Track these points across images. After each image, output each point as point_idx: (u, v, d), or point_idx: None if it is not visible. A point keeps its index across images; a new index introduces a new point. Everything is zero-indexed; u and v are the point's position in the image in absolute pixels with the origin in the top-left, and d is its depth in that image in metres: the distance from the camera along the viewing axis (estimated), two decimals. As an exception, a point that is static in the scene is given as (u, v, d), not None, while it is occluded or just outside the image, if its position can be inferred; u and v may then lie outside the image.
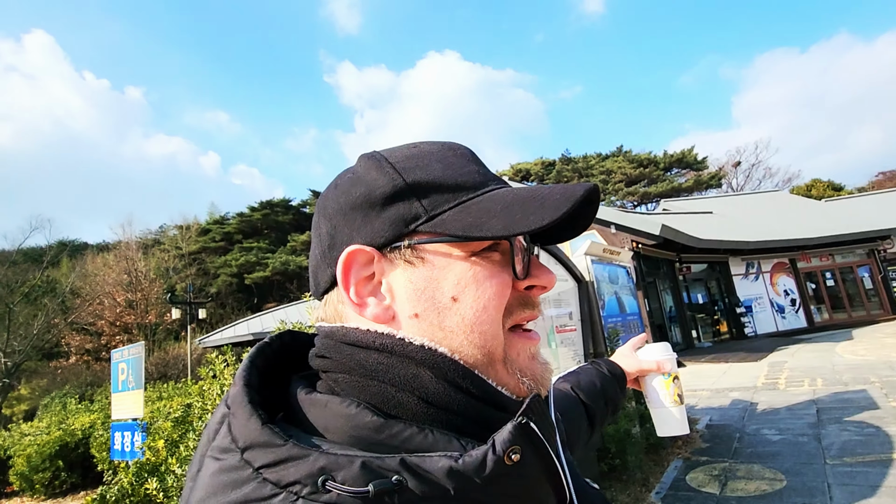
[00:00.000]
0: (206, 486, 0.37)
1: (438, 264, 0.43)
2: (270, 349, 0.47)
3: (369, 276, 0.44)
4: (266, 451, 0.35)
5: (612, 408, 0.90)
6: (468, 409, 0.41)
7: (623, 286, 4.83)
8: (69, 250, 33.79)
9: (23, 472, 7.06)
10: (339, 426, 0.38)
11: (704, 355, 11.93)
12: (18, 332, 14.81)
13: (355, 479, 0.33)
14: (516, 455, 0.36)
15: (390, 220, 0.43)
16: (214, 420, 0.41)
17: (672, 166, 39.26)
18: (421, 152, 0.47)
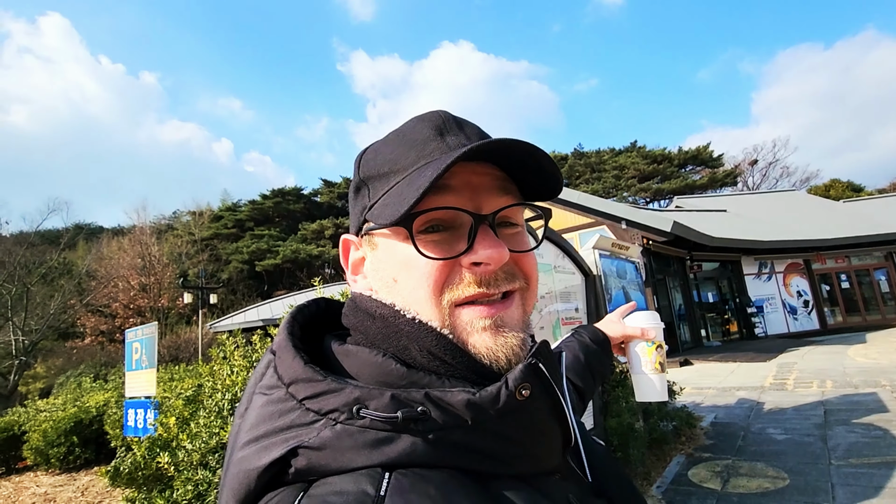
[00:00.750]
0: (256, 416, 0.41)
1: (383, 247, 0.48)
2: (308, 310, 0.53)
3: (361, 257, 0.51)
4: (308, 385, 0.40)
5: (599, 378, 0.91)
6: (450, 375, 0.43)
7: (631, 281, 4.81)
8: (85, 233, 34.39)
9: (38, 447, 7.27)
10: (369, 372, 0.42)
11: (713, 354, 11.85)
12: (35, 311, 15.15)
13: (386, 407, 0.38)
14: (526, 391, 0.40)
15: (356, 211, 0.50)
16: (261, 365, 0.46)
17: (686, 163, 38.70)
18: (390, 137, 0.51)
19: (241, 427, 0.43)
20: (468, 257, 0.44)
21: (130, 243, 27.16)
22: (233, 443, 0.43)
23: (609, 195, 37.03)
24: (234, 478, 0.40)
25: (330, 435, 0.37)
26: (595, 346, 0.91)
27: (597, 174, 39.24)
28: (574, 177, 39.86)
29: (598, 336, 0.93)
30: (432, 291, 0.44)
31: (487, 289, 0.45)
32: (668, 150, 39.13)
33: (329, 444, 0.37)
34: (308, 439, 0.37)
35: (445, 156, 0.43)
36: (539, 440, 0.43)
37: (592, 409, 3.53)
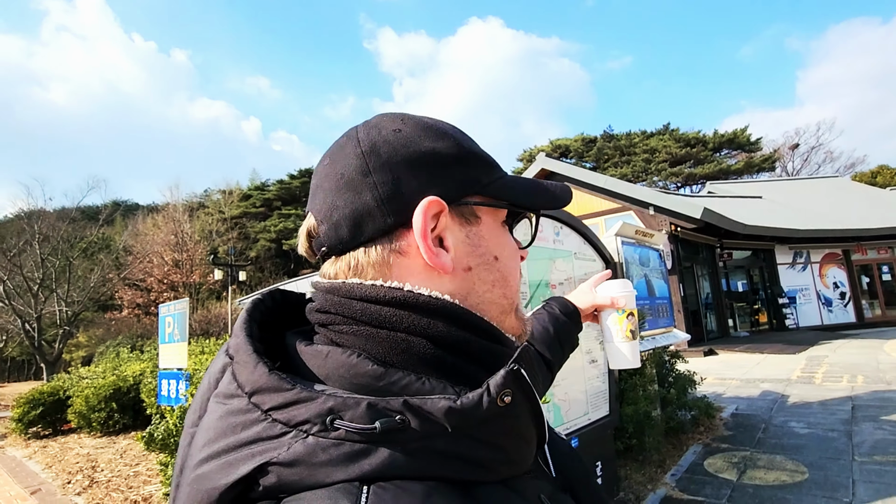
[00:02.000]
0: (213, 429, 0.38)
1: (488, 226, 0.49)
2: (264, 304, 0.49)
3: (432, 228, 0.45)
4: (274, 394, 0.37)
5: (568, 348, 0.93)
6: (474, 346, 0.44)
7: (654, 269, 4.73)
8: (122, 210, 35.72)
9: (81, 411, 7.75)
10: (340, 374, 0.40)
11: (739, 344, 11.59)
12: (77, 284, 15.94)
13: (362, 417, 0.35)
14: (508, 397, 0.39)
15: (457, 180, 0.47)
16: (215, 369, 0.43)
17: (722, 147, 37.23)
18: (454, 127, 0.53)
19: (196, 439, 0.39)
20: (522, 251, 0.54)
21: (164, 220, 28.12)
22: (184, 456, 0.40)
23: (638, 179, 36.09)
24: (191, 498, 0.37)
25: (302, 449, 0.35)
26: (564, 317, 0.93)
27: (626, 157, 38.20)
28: (602, 160, 38.93)
29: (567, 308, 0.95)
30: (518, 272, 0.52)
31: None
32: (703, 133, 37.69)
33: (301, 458, 0.34)
34: (278, 455, 0.35)
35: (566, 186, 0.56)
36: (520, 444, 0.43)
37: (608, 396, 3.54)
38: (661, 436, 4.17)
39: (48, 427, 8.50)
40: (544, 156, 14.48)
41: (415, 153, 0.46)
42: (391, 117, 0.50)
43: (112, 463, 5.96)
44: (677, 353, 5.14)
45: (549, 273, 3.13)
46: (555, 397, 2.98)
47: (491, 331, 0.47)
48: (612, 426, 3.52)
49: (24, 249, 14.77)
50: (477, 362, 0.44)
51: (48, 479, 5.61)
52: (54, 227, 15.78)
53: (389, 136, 0.47)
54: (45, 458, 6.73)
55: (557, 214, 3.35)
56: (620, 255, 4.07)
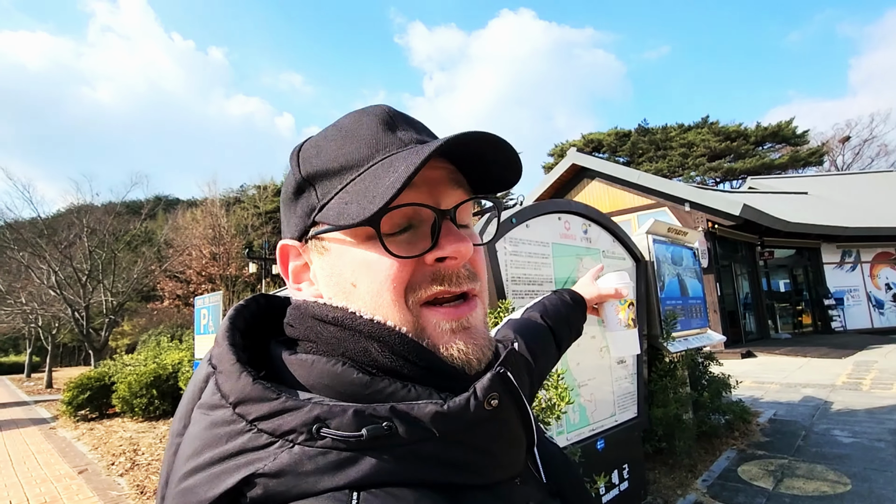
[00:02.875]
0: (197, 440, 0.38)
1: (336, 252, 0.44)
2: (248, 311, 0.48)
3: (304, 264, 0.48)
4: (260, 404, 0.36)
5: (574, 332, 0.97)
6: (417, 377, 0.41)
7: (687, 268, 4.57)
8: (164, 204, 37.22)
9: (124, 397, 8.16)
10: (326, 383, 0.39)
11: (780, 347, 11.11)
12: (122, 275, 16.73)
13: (349, 425, 0.35)
14: (495, 401, 0.39)
15: (299, 214, 0.46)
16: (198, 378, 0.42)
17: (765, 140, 35.61)
18: (330, 132, 0.47)
19: (182, 451, 0.38)
20: (433, 253, 0.43)
21: (202, 214, 29.14)
22: (169, 467, 0.39)
23: (674, 174, 35.00)
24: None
25: (288, 459, 0.34)
26: (573, 303, 0.97)
27: (662, 152, 37.08)
28: (636, 155, 37.93)
29: (576, 297, 0.99)
30: (399, 293, 0.42)
31: (450, 286, 0.44)
32: (745, 126, 36.14)
33: (288, 469, 0.34)
34: (264, 466, 0.34)
35: (416, 149, 0.41)
36: (507, 448, 0.42)
37: (637, 397, 3.46)
38: (693, 440, 4.04)
39: (95, 410, 8.99)
40: (575, 150, 14.22)
41: (282, 197, 0.50)
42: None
43: (152, 447, 6.25)
44: (711, 355, 4.96)
45: (575, 271, 3.07)
46: (581, 397, 2.93)
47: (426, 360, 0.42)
48: (640, 428, 3.44)
49: (73, 242, 15.62)
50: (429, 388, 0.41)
51: (94, 459, 5.94)
52: (101, 221, 16.59)
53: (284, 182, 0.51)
54: (92, 439, 7.12)
55: (586, 212, 3.28)
56: (651, 253, 3.95)
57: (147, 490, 4.53)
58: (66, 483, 5.00)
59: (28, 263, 15.43)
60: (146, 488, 4.58)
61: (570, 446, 2.65)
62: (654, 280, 3.92)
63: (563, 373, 2.19)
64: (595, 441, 2.93)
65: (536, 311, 0.92)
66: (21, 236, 15.46)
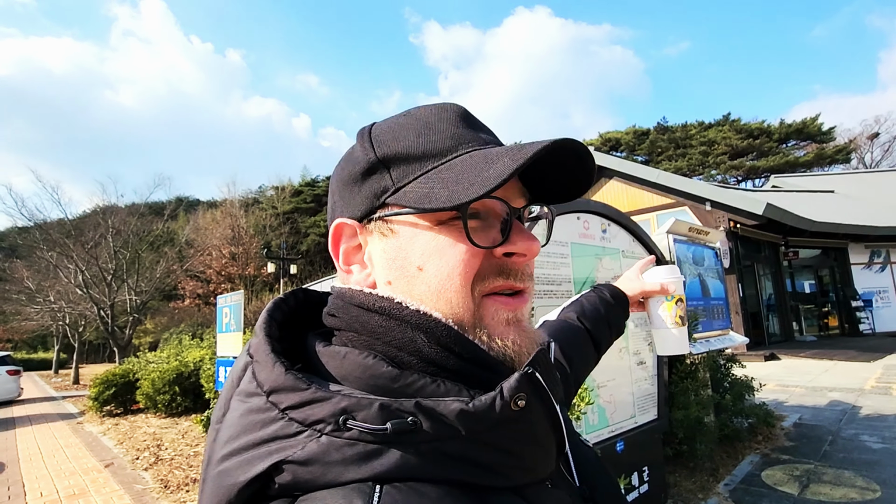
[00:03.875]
0: (234, 426, 0.39)
1: (405, 235, 0.45)
2: (286, 305, 0.49)
3: (357, 246, 0.48)
4: (291, 394, 0.37)
5: (615, 331, 0.93)
6: (460, 369, 0.42)
7: (709, 268, 4.48)
8: (185, 205, 38.01)
9: (148, 393, 8.35)
10: (357, 375, 0.40)
11: (805, 350, 10.83)
12: (145, 275, 17.13)
13: (374, 418, 0.36)
14: (522, 401, 0.39)
15: (366, 194, 0.46)
16: (238, 367, 0.44)
17: (789, 137, 34.76)
18: (405, 121, 0.47)
19: (220, 436, 0.40)
20: (505, 247, 0.44)
21: (222, 215, 29.70)
22: (210, 452, 0.41)
23: (694, 173, 34.39)
24: (214, 493, 0.38)
25: (316, 448, 0.35)
26: (613, 301, 0.93)
27: (681, 150, 36.47)
28: (655, 153, 37.38)
29: (616, 293, 0.95)
30: (467, 280, 0.43)
31: (514, 281, 0.45)
32: (768, 124, 35.34)
33: (315, 457, 0.35)
34: (293, 453, 0.35)
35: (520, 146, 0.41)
36: (534, 450, 0.42)
37: (657, 399, 3.41)
38: (714, 443, 3.96)
39: (120, 406, 9.22)
40: (593, 150, 14.08)
41: (343, 173, 0.48)
42: (359, 132, 0.50)
43: (175, 442, 6.38)
44: (734, 358, 4.86)
45: (595, 271, 3.04)
46: (600, 398, 2.90)
47: (472, 353, 0.43)
48: (660, 431, 3.39)
49: (99, 242, 16.05)
50: (463, 381, 0.41)
51: (119, 454, 6.09)
52: (125, 222, 17.01)
53: (343, 158, 0.50)
54: (117, 434, 7.31)
55: (605, 211, 3.25)
56: (672, 253, 3.89)
57: (170, 484, 4.62)
58: (94, 476, 5.14)
59: (56, 263, 15.93)
60: (170, 483, 4.68)
61: (589, 448, 2.63)
62: (675, 280, 3.86)
63: (582, 373, 2.18)
64: (614, 443, 2.90)
65: (573, 312, 0.90)
66: (50, 236, 15.96)
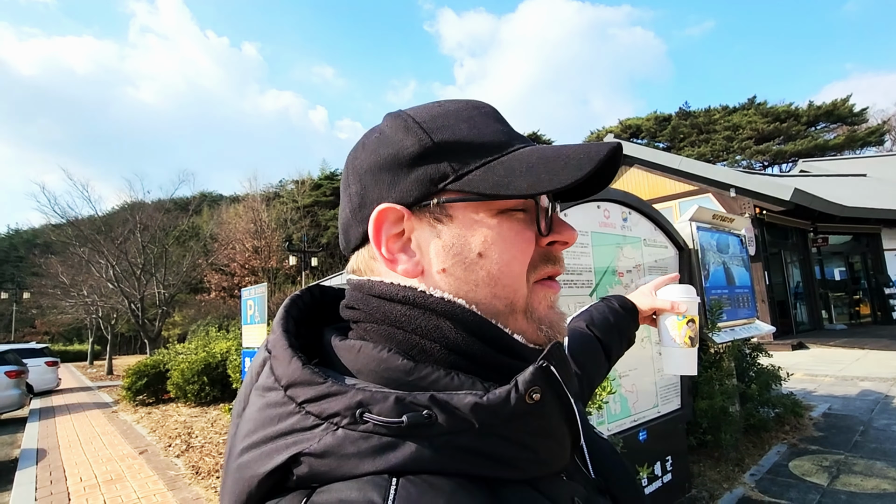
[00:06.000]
0: (253, 420, 0.40)
1: (465, 222, 0.45)
2: (302, 301, 0.50)
3: (399, 233, 0.46)
4: (308, 388, 0.38)
5: (625, 341, 0.94)
6: (485, 356, 0.43)
7: (734, 256, 4.39)
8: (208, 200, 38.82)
9: (178, 383, 8.63)
10: (371, 369, 0.41)
11: (834, 339, 10.55)
12: (172, 269, 17.61)
13: (389, 411, 0.36)
14: (537, 395, 0.39)
15: (419, 180, 0.45)
16: (256, 363, 0.45)
17: (818, 120, 33.51)
18: (446, 111, 0.48)
19: (239, 430, 0.41)
20: (552, 237, 0.48)
21: (245, 209, 30.19)
22: (231, 445, 0.42)
23: (718, 159, 33.52)
24: (235, 484, 0.39)
25: (332, 441, 0.36)
26: (624, 311, 0.93)
27: (704, 136, 35.56)
28: (677, 139, 36.52)
29: (627, 304, 0.95)
30: (524, 266, 0.46)
31: (559, 267, 0.49)
32: (795, 106, 34.14)
33: (332, 450, 0.36)
34: (310, 446, 0.36)
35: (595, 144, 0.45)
36: (549, 443, 0.42)
37: (681, 389, 3.38)
38: (740, 433, 3.91)
39: (152, 396, 9.56)
40: (613, 137, 13.83)
41: (379, 158, 0.46)
42: (391, 118, 0.49)
43: (205, 430, 6.60)
44: (760, 347, 4.77)
45: (616, 260, 3.01)
46: (622, 388, 2.89)
47: (499, 339, 0.44)
48: (683, 420, 3.36)
49: (128, 238, 16.54)
50: (489, 370, 0.43)
51: (152, 441, 6.33)
52: (152, 218, 17.48)
53: (368, 142, 0.48)
54: (150, 423, 7.59)
55: (625, 199, 3.21)
56: (695, 241, 3.82)
57: (201, 471, 4.79)
58: (129, 462, 5.36)
59: (88, 258, 16.48)
60: (200, 469, 4.85)
61: (611, 437, 2.63)
62: (699, 269, 3.80)
63: (604, 362, 2.17)
64: (637, 432, 2.89)
65: (582, 321, 0.91)
66: (81, 233, 16.51)
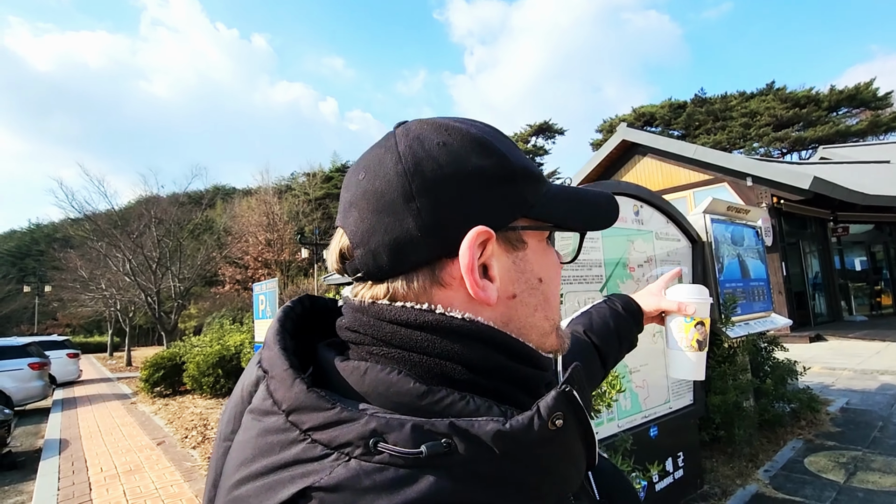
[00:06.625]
0: (250, 447, 0.37)
1: (533, 248, 0.46)
2: (294, 313, 0.47)
3: (477, 257, 0.41)
4: (314, 413, 0.35)
5: (626, 346, 0.90)
6: (510, 371, 0.42)
7: (749, 248, 4.29)
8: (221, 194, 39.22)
9: (193, 375, 8.80)
10: (380, 392, 0.38)
11: (854, 330, 10.33)
12: (187, 262, 17.87)
13: (406, 441, 0.33)
14: (560, 420, 0.37)
15: (505, 204, 0.43)
16: (248, 382, 0.42)
17: (839, 105, 32.55)
18: (496, 133, 0.47)
19: (232, 456, 0.38)
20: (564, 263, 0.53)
21: (257, 203, 30.47)
22: (218, 469, 0.39)
23: (734, 147, 32.84)
24: None
25: (345, 473, 0.33)
26: (626, 314, 0.90)
27: (721, 123, 34.82)
28: (692, 127, 35.84)
29: (630, 306, 0.91)
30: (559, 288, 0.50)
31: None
32: (816, 91, 33.18)
33: (346, 484, 0.33)
34: (320, 479, 0.33)
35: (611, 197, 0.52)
36: (568, 468, 0.41)
37: (693, 384, 3.33)
38: (754, 428, 3.85)
39: (169, 387, 9.75)
40: (625, 126, 13.59)
41: (461, 173, 0.42)
42: (434, 127, 0.45)
43: (219, 422, 6.72)
44: (775, 340, 4.68)
45: (627, 253, 2.97)
46: (632, 384, 2.86)
47: (528, 355, 0.44)
48: (696, 416, 3.32)
49: (143, 232, 16.80)
50: (514, 385, 0.42)
51: (170, 433, 6.46)
52: (166, 212, 17.72)
53: (434, 152, 0.42)
54: (167, 414, 7.75)
55: (636, 192, 3.15)
56: (709, 234, 3.75)
57: (216, 462, 4.89)
58: (147, 453, 5.48)
59: (105, 252, 16.79)
60: (216, 460, 4.95)
61: (621, 433, 2.60)
62: (713, 262, 3.72)
63: (613, 360, 2.14)
64: (648, 428, 2.86)
65: (580, 325, 0.88)
66: (98, 227, 16.82)
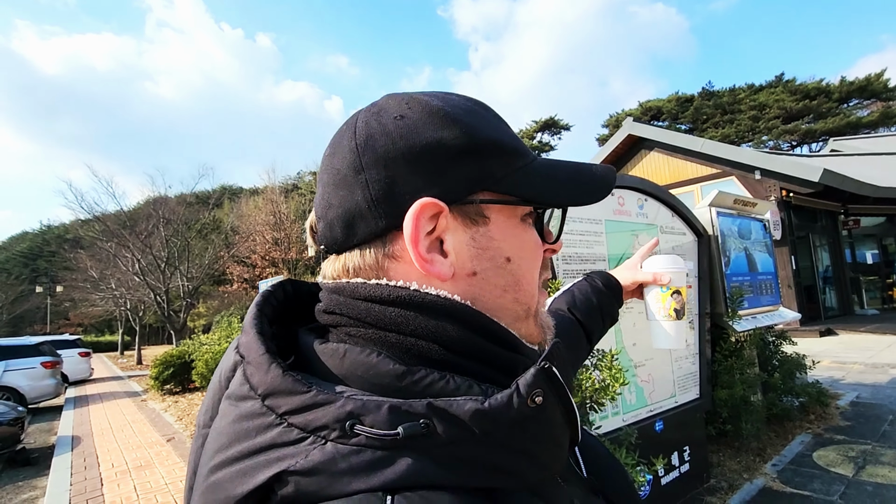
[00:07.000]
0: (226, 433, 0.36)
1: (498, 225, 0.43)
2: (275, 298, 0.46)
3: (429, 231, 0.41)
4: (290, 397, 0.34)
5: (608, 320, 0.91)
6: (488, 352, 0.41)
7: (756, 241, 4.25)
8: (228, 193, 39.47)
9: (203, 373, 8.86)
10: (359, 374, 0.38)
11: (865, 324, 10.21)
12: (195, 261, 18.03)
13: (383, 422, 0.33)
14: (539, 398, 0.36)
15: (463, 177, 0.41)
16: (225, 367, 0.41)
17: (850, 97, 32.06)
18: (471, 107, 0.45)
19: (209, 443, 0.37)
20: (549, 245, 0.49)
21: (264, 202, 30.60)
22: (197, 458, 0.38)
23: (743, 140, 32.51)
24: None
25: (320, 457, 0.32)
26: (606, 290, 0.91)
27: (729, 116, 34.47)
28: (700, 121, 35.51)
29: (609, 281, 0.92)
30: (538, 272, 0.47)
31: (548, 272, 0.50)
32: (826, 83, 32.72)
33: (321, 467, 0.32)
34: (296, 463, 0.32)
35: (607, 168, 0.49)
36: (551, 447, 0.40)
37: (699, 378, 3.31)
38: (762, 423, 3.82)
39: (178, 385, 9.86)
40: (631, 120, 13.49)
41: (414, 146, 0.41)
42: (398, 99, 0.44)
43: (228, 419, 6.78)
44: (784, 334, 4.64)
45: (630, 248, 2.95)
46: (637, 378, 2.85)
47: (505, 337, 0.42)
48: (702, 410, 3.30)
49: (152, 232, 16.96)
50: (493, 367, 0.41)
51: (179, 430, 6.53)
52: (174, 212, 17.86)
53: (389, 125, 0.42)
54: (177, 411, 7.83)
55: (641, 186, 3.13)
56: (715, 227, 3.72)
57: (225, 458, 4.94)
58: (157, 450, 5.55)
59: (115, 252, 16.98)
60: (224, 456, 5.00)
61: (625, 427, 2.59)
62: (719, 256, 3.69)
63: (617, 353, 2.13)
64: (653, 422, 2.85)
65: (564, 303, 0.88)
66: (108, 228, 16.99)
